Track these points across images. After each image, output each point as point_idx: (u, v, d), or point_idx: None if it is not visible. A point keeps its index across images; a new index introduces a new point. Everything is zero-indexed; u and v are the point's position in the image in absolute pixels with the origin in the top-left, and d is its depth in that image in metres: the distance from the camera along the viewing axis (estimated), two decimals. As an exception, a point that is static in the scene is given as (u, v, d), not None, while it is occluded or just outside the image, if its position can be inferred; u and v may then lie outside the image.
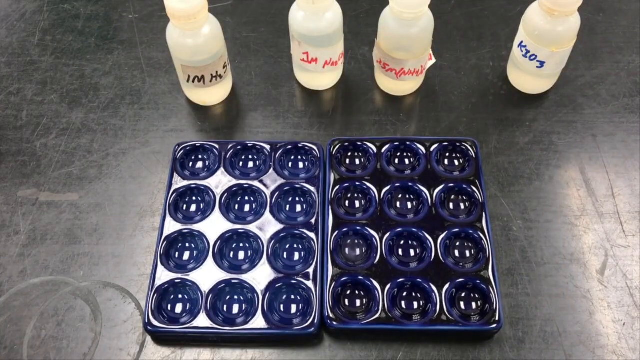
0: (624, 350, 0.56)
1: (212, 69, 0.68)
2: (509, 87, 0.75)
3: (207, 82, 0.69)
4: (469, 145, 0.67)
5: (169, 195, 0.64)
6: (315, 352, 0.56)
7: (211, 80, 0.69)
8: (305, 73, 0.74)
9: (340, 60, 0.72)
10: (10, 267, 0.61)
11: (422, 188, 0.64)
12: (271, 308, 0.56)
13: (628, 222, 0.64)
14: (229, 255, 0.60)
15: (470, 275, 0.58)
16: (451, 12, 0.84)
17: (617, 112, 0.73)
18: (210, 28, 0.65)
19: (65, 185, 0.67)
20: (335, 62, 0.71)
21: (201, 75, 0.68)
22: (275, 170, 0.65)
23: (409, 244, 0.61)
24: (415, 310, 0.57)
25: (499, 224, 0.64)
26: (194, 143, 0.68)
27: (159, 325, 0.55)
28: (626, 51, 0.79)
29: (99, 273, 0.61)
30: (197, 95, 0.73)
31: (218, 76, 0.69)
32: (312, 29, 0.66)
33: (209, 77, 0.69)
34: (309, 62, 0.69)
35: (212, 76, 0.69)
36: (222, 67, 0.69)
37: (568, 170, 0.68)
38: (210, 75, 0.68)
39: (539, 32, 0.66)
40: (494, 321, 0.55)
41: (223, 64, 0.69)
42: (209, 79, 0.69)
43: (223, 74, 0.70)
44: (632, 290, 0.59)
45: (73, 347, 0.56)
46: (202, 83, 0.69)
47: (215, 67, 0.68)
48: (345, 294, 0.58)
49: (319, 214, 0.62)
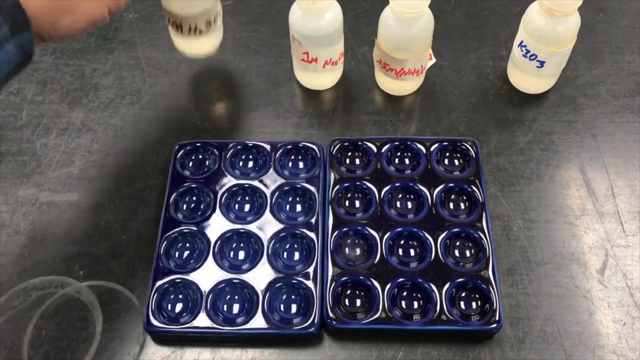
0: (624, 350, 0.56)
1: (191, 21, 0.68)
2: (509, 87, 0.75)
3: (185, 32, 0.69)
4: (469, 145, 0.67)
5: (169, 195, 0.64)
6: (315, 352, 0.56)
7: (189, 32, 0.69)
8: (305, 73, 0.74)
9: (340, 60, 0.72)
10: (10, 267, 0.61)
11: (422, 188, 0.64)
12: (271, 308, 0.56)
13: (628, 222, 0.64)
14: (229, 255, 0.60)
15: (470, 275, 0.58)
16: (451, 12, 0.84)
17: (617, 112, 0.73)
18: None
19: (65, 185, 0.67)
20: (335, 62, 0.71)
21: (179, 22, 0.68)
22: (275, 170, 0.65)
23: (409, 243, 0.61)
24: (415, 310, 0.57)
25: (499, 223, 0.64)
26: (194, 143, 0.68)
27: (159, 325, 0.55)
28: (626, 51, 0.79)
29: (99, 273, 0.61)
30: (177, 42, 0.73)
31: (197, 30, 0.69)
32: (312, 29, 0.66)
33: (187, 28, 0.69)
34: (309, 62, 0.69)
35: (190, 28, 0.69)
36: (205, 23, 0.69)
37: (568, 170, 0.68)
38: (189, 26, 0.69)
39: (539, 32, 0.66)
40: (494, 321, 0.55)
41: (206, 21, 0.69)
42: (187, 30, 0.69)
43: (204, 30, 0.69)
44: (632, 290, 0.59)
45: (73, 347, 0.56)
46: (179, 31, 0.69)
47: (195, 20, 0.68)
48: (345, 294, 0.58)
49: (319, 214, 0.62)
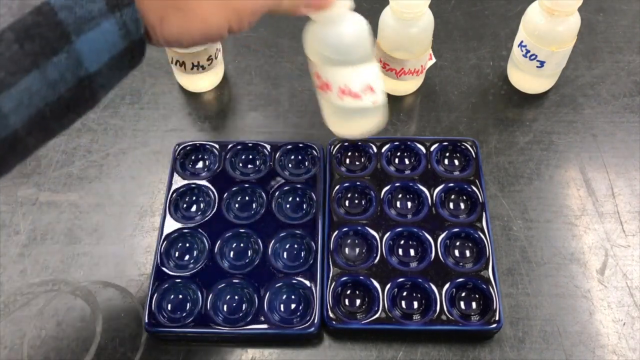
0: (624, 350, 0.56)
1: (193, 58, 0.69)
2: (509, 87, 0.75)
3: (188, 69, 0.71)
4: (469, 145, 0.67)
5: (169, 195, 0.64)
6: (315, 352, 0.56)
7: (192, 69, 0.71)
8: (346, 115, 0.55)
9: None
10: (10, 267, 0.61)
11: (422, 188, 0.64)
12: (271, 308, 0.56)
13: (628, 222, 0.64)
14: (229, 255, 0.60)
15: (470, 275, 0.58)
16: (451, 12, 0.84)
17: (617, 112, 0.73)
18: None
19: (65, 185, 0.67)
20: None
21: (182, 60, 0.70)
22: (275, 171, 0.65)
23: (409, 244, 0.61)
24: (415, 310, 0.57)
25: (499, 223, 0.64)
26: (194, 143, 0.68)
27: (159, 325, 0.55)
28: (626, 51, 0.79)
29: (99, 273, 0.61)
30: (180, 79, 0.75)
31: (200, 66, 0.71)
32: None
33: (190, 65, 0.70)
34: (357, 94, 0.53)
35: (194, 65, 0.70)
36: (206, 60, 0.70)
37: (568, 170, 0.68)
38: (192, 63, 0.70)
39: (539, 32, 0.66)
40: (494, 321, 0.55)
41: (207, 57, 0.70)
42: (190, 67, 0.70)
43: (206, 66, 0.71)
44: (632, 290, 0.59)
45: (73, 347, 0.56)
46: (183, 68, 0.71)
47: (197, 57, 0.69)
48: (345, 294, 0.58)
49: (319, 214, 0.62)
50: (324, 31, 0.48)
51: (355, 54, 0.49)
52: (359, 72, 0.50)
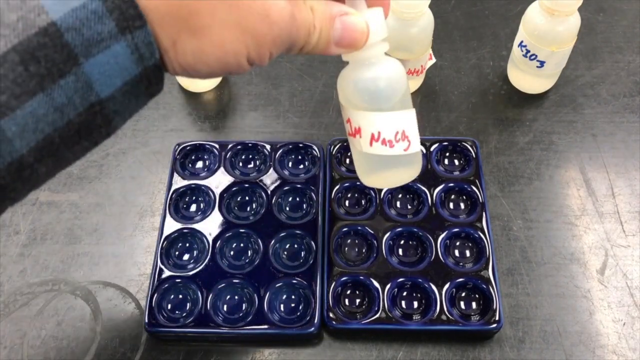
0: (624, 350, 0.56)
1: None
2: (509, 87, 0.75)
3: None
4: (469, 145, 0.67)
5: (169, 195, 0.64)
6: (315, 352, 0.56)
7: None
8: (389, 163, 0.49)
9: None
10: (10, 267, 0.61)
11: (422, 188, 0.64)
12: (271, 308, 0.56)
13: (628, 222, 0.64)
14: (229, 255, 0.60)
15: (470, 275, 0.58)
16: (451, 12, 0.84)
17: (617, 112, 0.73)
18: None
19: (65, 185, 0.67)
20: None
21: None
22: (275, 170, 0.65)
23: (409, 244, 0.61)
24: (415, 310, 0.57)
25: (499, 223, 0.64)
26: (194, 143, 0.68)
27: (159, 325, 0.55)
28: (626, 51, 0.79)
29: (99, 273, 0.61)
30: (180, 79, 0.76)
31: None
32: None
33: None
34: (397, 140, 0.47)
35: None
36: None
37: (568, 170, 0.68)
38: None
39: (538, 32, 0.66)
40: (494, 321, 0.55)
41: None
42: None
43: None
44: (632, 290, 0.59)
45: (73, 347, 0.56)
46: None
47: None
48: (345, 293, 0.58)
49: (319, 214, 0.62)
50: (357, 75, 0.45)
51: (390, 100, 0.46)
52: (393, 118, 0.46)
